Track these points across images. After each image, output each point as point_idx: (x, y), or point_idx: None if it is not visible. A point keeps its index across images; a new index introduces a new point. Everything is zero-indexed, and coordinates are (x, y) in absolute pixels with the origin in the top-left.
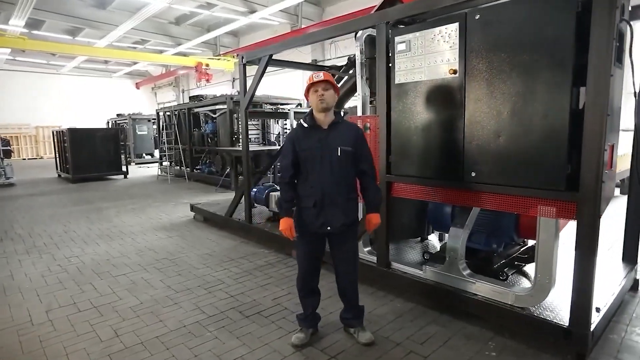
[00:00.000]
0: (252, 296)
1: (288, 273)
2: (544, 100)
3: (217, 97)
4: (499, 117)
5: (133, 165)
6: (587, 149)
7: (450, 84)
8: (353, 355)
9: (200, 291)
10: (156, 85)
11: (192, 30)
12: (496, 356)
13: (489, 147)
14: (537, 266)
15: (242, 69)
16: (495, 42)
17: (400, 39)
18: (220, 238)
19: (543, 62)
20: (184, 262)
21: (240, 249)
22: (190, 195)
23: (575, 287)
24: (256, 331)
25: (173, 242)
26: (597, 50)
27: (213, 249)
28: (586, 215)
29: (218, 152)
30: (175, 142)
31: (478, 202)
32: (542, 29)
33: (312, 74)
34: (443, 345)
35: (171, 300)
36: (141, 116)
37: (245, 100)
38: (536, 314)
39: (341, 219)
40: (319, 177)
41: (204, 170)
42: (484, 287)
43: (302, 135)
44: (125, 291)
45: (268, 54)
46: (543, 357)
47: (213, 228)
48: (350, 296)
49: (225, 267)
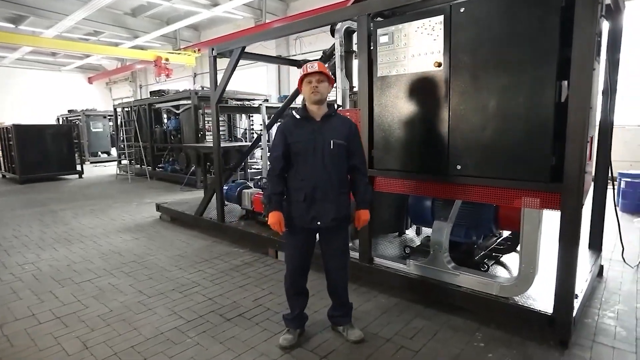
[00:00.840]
0: (232, 298)
1: (267, 272)
2: (529, 93)
3: (180, 92)
4: (484, 111)
5: (88, 164)
6: (571, 141)
7: (435, 77)
8: (344, 354)
9: (175, 295)
10: (111, 80)
11: (150, 22)
12: (484, 346)
13: (474, 140)
14: (521, 256)
15: (212, 61)
16: (481, 36)
17: (383, 31)
18: (190, 238)
19: (528, 55)
20: (154, 264)
21: (214, 248)
22: (154, 195)
23: (559, 276)
24: (240, 334)
25: (140, 244)
26: (581, 44)
27: (184, 249)
28: (570, 205)
29: (182, 149)
30: (135, 139)
31: (464, 195)
32: (528, 22)
33: (305, 65)
34: (432, 339)
35: (144, 305)
36: (96, 112)
37: (216, 94)
38: (520, 303)
39: (332, 214)
40: (311, 170)
41: (166, 169)
42: (468, 279)
43: (293, 127)
44: (91, 299)
45: (241, 46)
46: (529, 345)
47: (182, 228)
48: (341, 294)
49: (199, 269)
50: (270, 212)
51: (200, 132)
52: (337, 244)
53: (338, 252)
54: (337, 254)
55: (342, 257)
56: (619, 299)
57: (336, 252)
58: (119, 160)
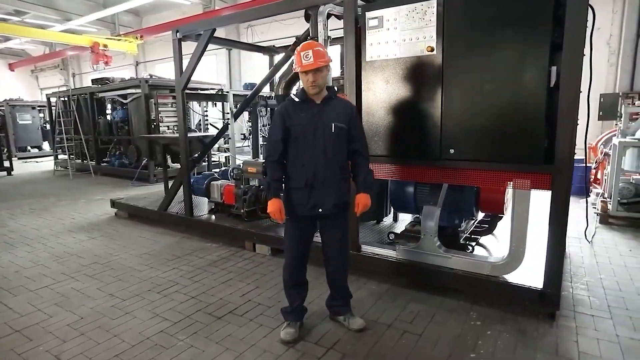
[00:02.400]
0: (217, 295)
1: (248, 266)
2: (523, 78)
3: (128, 80)
4: (478, 95)
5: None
6: (562, 124)
7: (428, 62)
8: (350, 344)
9: (153, 296)
10: (37, 68)
11: (83, 4)
12: (481, 325)
13: (468, 125)
14: (512, 235)
15: (177, 45)
16: (475, 20)
17: (372, 14)
18: (155, 235)
19: (522, 40)
20: (120, 265)
21: (184, 244)
22: (102, 191)
23: (550, 253)
24: (236, 332)
25: (99, 244)
26: (573, 29)
27: (151, 247)
28: (560, 185)
29: (132, 142)
30: (75, 131)
31: (456, 178)
32: (521, 7)
33: (299, 52)
34: (431, 322)
35: (119, 310)
36: (23, 102)
37: (181, 80)
38: (510, 280)
39: (333, 200)
40: (311, 155)
41: (113, 163)
42: (460, 261)
43: (292, 110)
44: (54, 307)
45: (211, 29)
46: (521, 320)
47: (143, 225)
48: (341, 282)
49: (173, 266)
50: (270, 200)
51: (154, 123)
52: (337, 232)
53: (338, 240)
54: (337, 241)
55: (343, 245)
56: (585, 272)
57: (336, 239)
58: (55, 155)
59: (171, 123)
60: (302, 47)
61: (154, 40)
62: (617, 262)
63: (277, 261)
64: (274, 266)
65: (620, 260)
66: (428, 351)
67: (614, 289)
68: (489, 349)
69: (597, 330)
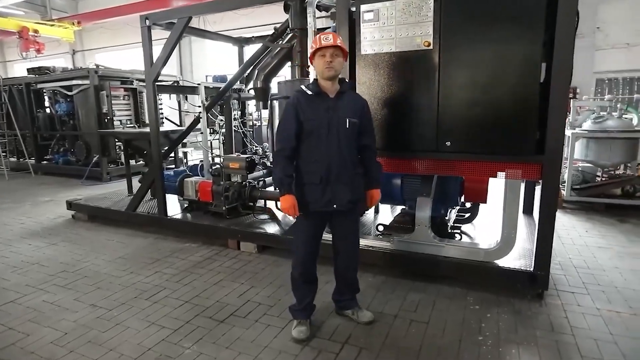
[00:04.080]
0: (212, 297)
1: (236, 266)
2: (517, 73)
3: (73, 70)
4: (474, 89)
5: None
6: (553, 117)
7: (424, 56)
8: (363, 337)
9: (142, 303)
10: None
11: None
12: (480, 308)
13: (464, 118)
14: (504, 222)
15: (147, 33)
16: (471, 16)
17: (368, 7)
18: (125, 237)
19: (516, 36)
20: (93, 272)
21: (160, 246)
22: (49, 192)
23: (540, 237)
24: (244, 335)
25: (63, 250)
26: (564, 26)
27: (123, 251)
28: (550, 174)
29: (79, 138)
30: (9, 126)
31: (453, 170)
32: (516, 5)
33: (319, 35)
34: (434, 309)
35: (108, 321)
36: None
37: (152, 71)
38: (501, 265)
39: (348, 195)
40: (325, 151)
41: (57, 161)
42: (454, 249)
43: (305, 104)
44: (29, 324)
45: (186, 17)
46: (514, 301)
47: (108, 227)
48: (352, 276)
49: (155, 270)
50: (282, 197)
51: (107, 117)
52: (350, 226)
53: (351, 234)
54: (349, 236)
55: (355, 239)
56: (555, 253)
57: (349, 234)
58: None
59: (124, 117)
60: (321, 33)
61: (93, 27)
62: (579, 243)
63: (265, 258)
64: (263, 264)
65: (581, 241)
66: (439, 338)
67: (583, 267)
68: (493, 330)
69: (580, 306)
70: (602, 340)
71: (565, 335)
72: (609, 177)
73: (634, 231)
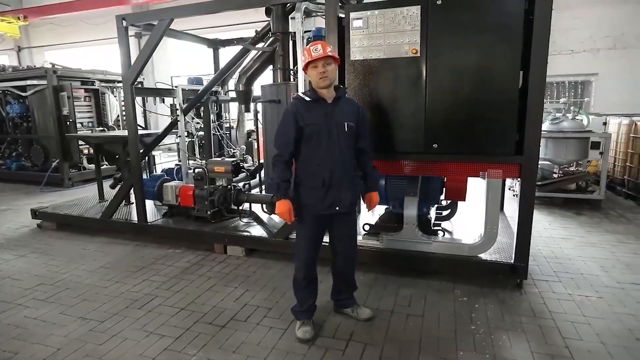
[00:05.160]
0: (208, 303)
1: (226, 270)
2: (498, 80)
3: (27, 69)
4: (459, 95)
5: None
6: (531, 121)
7: (412, 63)
8: (365, 333)
9: (135, 312)
10: None
11: None
12: (468, 300)
13: (450, 122)
14: (486, 218)
15: (123, 34)
16: (457, 26)
17: (357, 15)
18: (103, 246)
19: (498, 46)
20: (75, 283)
21: (142, 253)
22: (4, 200)
23: (519, 231)
24: (248, 339)
25: (35, 262)
26: (540, 37)
27: (104, 260)
28: (528, 173)
29: (35, 141)
30: None
31: (440, 171)
32: (498, 17)
33: (309, 47)
34: (426, 303)
35: (102, 333)
36: None
37: (130, 73)
38: (485, 258)
39: (350, 198)
40: (326, 155)
41: (9, 166)
42: (441, 245)
43: (304, 110)
44: (15, 341)
45: (168, 18)
46: (497, 292)
47: (81, 235)
48: (350, 275)
49: (142, 278)
50: (279, 201)
51: (68, 120)
52: (349, 227)
53: (350, 235)
54: (349, 236)
55: (354, 239)
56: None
57: (348, 234)
58: None
59: (85, 119)
60: (311, 44)
61: (42, 23)
62: (545, 235)
63: (254, 262)
64: (253, 267)
65: (546, 233)
66: (436, 330)
67: (552, 256)
68: (483, 319)
69: (555, 292)
70: (577, 322)
71: (546, 319)
72: (564, 173)
73: (589, 223)
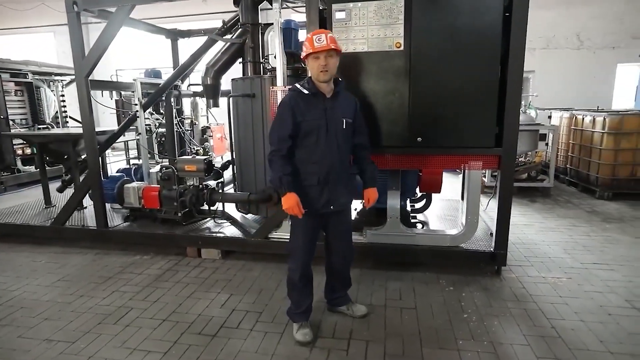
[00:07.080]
0: (192, 311)
1: (204, 274)
2: (479, 75)
3: None
4: (442, 89)
5: None
6: (509, 114)
7: (396, 57)
8: (364, 330)
9: (110, 328)
10: None
11: None
12: (454, 289)
13: (433, 115)
14: (467, 209)
15: (75, 20)
16: (439, 21)
17: (339, 7)
18: (56, 256)
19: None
20: (31, 301)
21: (106, 262)
22: None
23: (499, 220)
24: (245, 347)
25: None
26: (518, 37)
27: (60, 272)
28: (508, 164)
29: None
30: None
31: (424, 164)
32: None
33: (312, 36)
34: (416, 295)
35: (77, 355)
36: None
37: (85, 64)
38: (466, 247)
39: (345, 196)
40: (323, 152)
41: None
42: (424, 237)
43: (302, 104)
44: None
45: (129, 5)
46: (479, 279)
47: (26, 246)
48: (346, 273)
49: (110, 290)
50: (284, 196)
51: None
52: (345, 225)
53: (346, 232)
54: (344, 234)
55: (349, 237)
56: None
57: (344, 232)
58: None
59: (17, 116)
60: (314, 32)
61: None
62: None
63: (232, 264)
64: (233, 269)
65: None
66: (431, 321)
67: (520, 243)
68: (472, 307)
69: (530, 276)
70: (556, 303)
71: (529, 303)
72: (517, 164)
73: (543, 209)
